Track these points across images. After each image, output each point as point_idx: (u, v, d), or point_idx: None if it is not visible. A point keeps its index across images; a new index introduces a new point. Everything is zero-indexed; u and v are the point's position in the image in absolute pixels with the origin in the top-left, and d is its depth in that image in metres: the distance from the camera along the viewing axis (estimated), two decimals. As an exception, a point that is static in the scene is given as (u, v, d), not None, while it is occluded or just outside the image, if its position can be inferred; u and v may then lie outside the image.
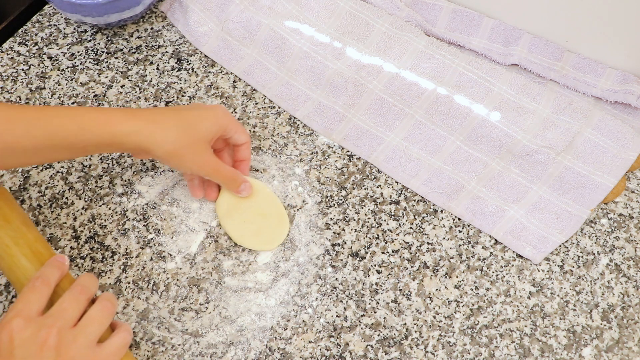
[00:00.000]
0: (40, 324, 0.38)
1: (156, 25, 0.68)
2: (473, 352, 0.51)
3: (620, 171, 0.56)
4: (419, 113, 0.60)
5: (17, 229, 0.46)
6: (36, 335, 0.38)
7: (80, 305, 0.41)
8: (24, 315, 0.39)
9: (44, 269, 0.43)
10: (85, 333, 0.39)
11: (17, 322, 0.38)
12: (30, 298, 0.40)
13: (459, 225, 0.57)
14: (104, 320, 0.41)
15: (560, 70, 0.63)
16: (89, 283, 0.43)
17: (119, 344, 0.41)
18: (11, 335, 0.37)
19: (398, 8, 0.64)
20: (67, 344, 0.38)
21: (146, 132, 0.44)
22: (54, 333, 0.38)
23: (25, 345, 0.37)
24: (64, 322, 0.39)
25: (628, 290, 0.54)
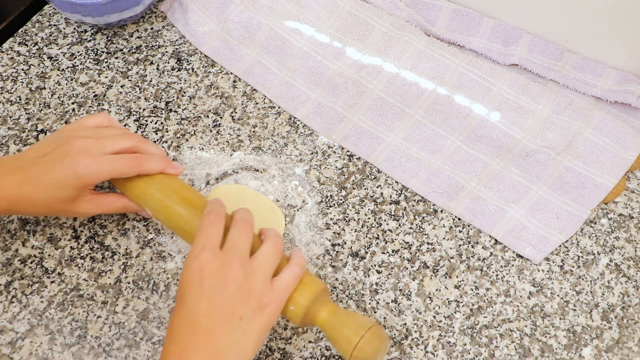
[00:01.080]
0: (223, 258, 0.42)
1: (156, 25, 0.68)
2: (473, 352, 0.51)
3: (620, 171, 0.56)
4: (419, 113, 0.60)
5: (161, 182, 0.50)
6: (222, 268, 0.42)
7: (249, 237, 0.44)
8: (209, 248, 0.42)
9: (211, 204, 0.46)
10: (262, 269, 0.43)
11: (205, 255, 0.42)
12: (211, 232, 0.43)
13: (459, 225, 0.57)
14: (276, 257, 0.44)
15: (560, 70, 0.63)
16: (247, 216, 0.46)
17: (290, 279, 0.44)
18: (201, 267, 0.41)
19: (398, 8, 0.64)
20: (247, 276, 0.42)
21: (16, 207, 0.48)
22: (236, 267, 0.42)
23: (213, 277, 0.41)
24: (241, 255, 0.43)
25: (628, 290, 0.54)
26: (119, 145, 0.49)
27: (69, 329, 0.51)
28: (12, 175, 0.47)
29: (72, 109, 0.62)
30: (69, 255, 0.54)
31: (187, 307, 0.41)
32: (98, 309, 0.52)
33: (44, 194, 0.47)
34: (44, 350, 0.50)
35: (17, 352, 0.49)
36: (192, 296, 0.41)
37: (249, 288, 0.42)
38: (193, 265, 0.42)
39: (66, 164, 0.47)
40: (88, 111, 0.62)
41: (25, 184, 0.47)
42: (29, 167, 0.48)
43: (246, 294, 0.41)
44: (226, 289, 0.41)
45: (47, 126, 0.61)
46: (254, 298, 0.42)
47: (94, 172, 0.47)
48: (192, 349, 0.40)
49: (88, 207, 0.49)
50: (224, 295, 0.41)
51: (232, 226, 0.45)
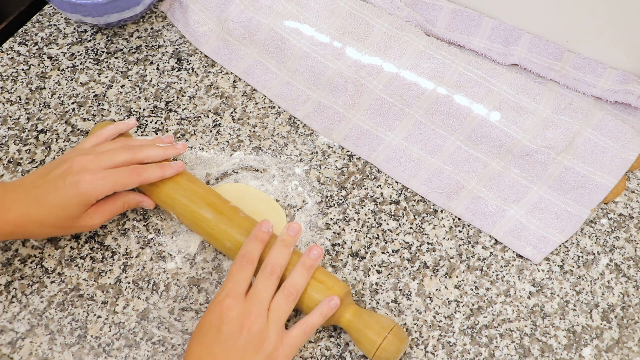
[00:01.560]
0: (245, 307, 0.45)
1: (156, 25, 0.68)
2: (473, 352, 0.51)
3: (620, 171, 0.56)
4: (419, 113, 0.60)
5: (187, 188, 0.52)
6: (241, 316, 0.44)
7: (273, 287, 0.46)
8: (234, 294, 0.45)
9: (248, 244, 0.48)
10: (277, 321, 0.45)
11: (228, 302, 0.45)
12: (239, 277, 0.46)
13: (459, 225, 0.57)
14: (288, 308, 0.46)
15: (560, 70, 0.63)
16: (279, 258, 0.48)
17: (300, 335, 0.46)
18: (222, 312, 0.44)
19: (398, 8, 0.64)
20: (262, 329, 0.44)
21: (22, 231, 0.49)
22: (253, 318, 0.44)
23: (231, 324, 0.44)
24: (260, 306, 0.45)
25: (628, 290, 0.54)
26: (117, 159, 0.51)
27: (69, 329, 0.51)
28: (17, 199, 0.48)
29: (72, 109, 0.62)
30: (69, 255, 0.54)
31: (203, 347, 0.44)
32: (98, 309, 0.52)
33: (50, 213, 0.48)
34: (44, 350, 0.50)
35: (17, 352, 0.49)
36: (209, 338, 0.44)
37: (262, 339, 0.44)
38: (216, 308, 0.45)
39: (68, 183, 0.48)
40: (88, 111, 0.62)
41: (30, 206, 0.48)
42: (32, 189, 0.49)
43: (258, 345, 0.44)
44: (241, 338, 0.44)
45: (47, 126, 0.61)
46: (264, 350, 0.44)
47: (97, 187, 0.49)
48: None
49: (93, 219, 0.51)
50: (237, 344, 0.43)
51: (260, 272, 0.47)
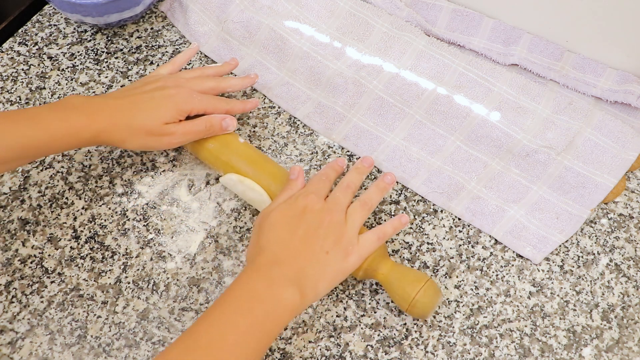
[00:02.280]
0: (326, 205, 0.49)
1: (156, 25, 0.68)
2: (473, 352, 0.51)
3: (620, 171, 0.56)
4: (419, 113, 0.60)
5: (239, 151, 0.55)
6: (323, 210, 0.48)
7: (349, 197, 0.50)
8: (317, 194, 0.49)
9: (326, 169, 0.53)
10: (355, 223, 0.48)
11: (313, 198, 0.48)
12: (321, 185, 0.51)
13: (459, 225, 0.57)
14: (363, 215, 0.49)
15: (560, 70, 0.63)
16: (354, 179, 0.52)
17: (373, 240, 0.49)
18: (306, 204, 0.48)
19: (398, 8, 0.64)
20: (341, 224, 0.48)
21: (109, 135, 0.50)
22: (335, 214, 0.48)
23: (315, 214, 0.47)
24: (340, 208, 0.49)
25: (628, 290, 0.54)
26: (205, 86, 0.55)
27: (69, 329, 0.51)
28: (105, 104, 0.51)
29: (72, 109, 0.62)
30: (69, 255, 0.54)
31: (282, 230, 0.47)
32: (98, 309, 0.52)
33: (141, 116, 0.51)
34: (44, 350, 0.50)
35: (17, 352, 0.49)
36: (291, 223, 0.47)
37: (341, 233, 0.47)
38: (299, 201, 0.48)
39: (166, 94, 0.52)
40: (88, 111, 0.62)
41: (119, 111, 0.50)
42: (123, 98, 0.52)
43: (338, 237, 0.47)
44: (322, 226, 0.47)
45: (47, 126, 0.61)
46: (343, 243, 0.47)
47: (194, 102, 0.53)
48: (281, 262, 0.45)
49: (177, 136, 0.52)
50: (319, 231, 0.47)
51: (338, 186, 0.51)
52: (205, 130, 0.53)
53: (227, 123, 0.55)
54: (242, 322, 0.42)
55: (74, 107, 0.49)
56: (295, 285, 0.44)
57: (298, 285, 0.44)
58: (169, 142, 0.52)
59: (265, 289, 0.43)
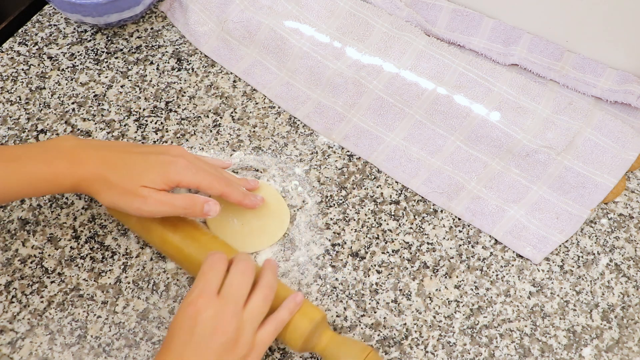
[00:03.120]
0: (219, 306, 0.43)
1: (156, 25, 0.68)
2: (473, 352, 0.51)
3: (620, 171, 0.56)
4: (419, 113, 0.60)
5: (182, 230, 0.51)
6: (215, 316, 0.43)
7: (248, 283, 0.45)
8: (206, 294, 0.43)
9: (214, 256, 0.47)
10: (252, 321, 0.44)
11: (201, 302, 0.43)
12: (210, 276, 0.44)
13: (459, 225, 0.57)
14: (265, 309, 0.45)
15: (560, 70, 0.63)
16: (247, 259, 0.46)
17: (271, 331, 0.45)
18: (195, 313, 0.43)
19: (398, 8, 0.64)
20: (237, 329, 0.43)
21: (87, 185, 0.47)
22: (228, 318, 0.43)
23: (205, 325, 0.42)
24: (235, 304, 0.44)
25: (628, 290, 0.54)
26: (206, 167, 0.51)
27: (69, 329, 0.51)
28: (96, 155, 0.48)
29: (72, 109, 0.62)
30: (69, 255, 0.54)
31: (175, 351, 0.42)
32: (98, 309, 0.52)
33: (125, 175, 0.47)
34: (44, 350, 0.50)
35: (17, 352, 0.49)
36: (181, 341, 0.42)
37: (235, 340, 0.43)
38: (188, 309, 0.43)
39: (161, 160, 0.48)
40: (88, 111, 0.62)
41: (107, 164, 0.47)
42: (118, 153, 0.48)
43: (232, 346, 0.43)
44: (214, 339, 0.42)
45: (47, 126, 0.61)
46: (238, 351, 0.43)
47: (187, 174, 0.48)
48: None
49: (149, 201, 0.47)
50: (210, 346, 0.42)
51: (232, 268, 0.45)
52: (182, 208, 0.48)
53: (209, 207, 0.49)
54: None
55: (60, 151, 0.47)
56: None
57: None
58: (139, 208, 0.47)
59: None
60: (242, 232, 0.54)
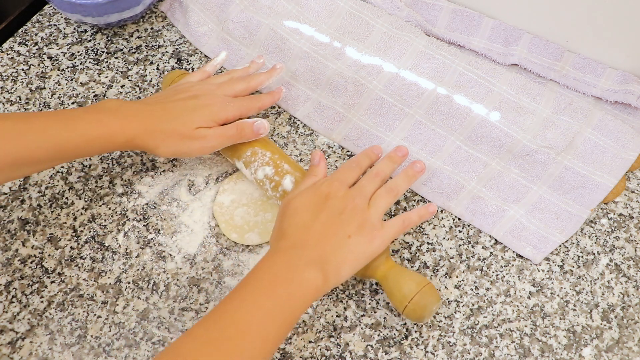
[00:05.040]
0: (350, 192, 0.49)
1: (156, 25, 0.68)
2: (473, 352, 0.51)
3: (620, 171, 0.56)
4: (419, 113, 0.60)
5: None
6: (346, 196, 0.48)
7: (376, 185, 0.51)
8: (341, 182, 0.50)
9: (359, 156, 0.53)
10: (379, 208, 0.49)
11: (337, 185, 0.49)
12: (347, 174, 0.51)
13: (459, 225, 0.57)
14: (388, 202, 0.50)
15: (560, 70, 0.63)
16: (385, 167, 0.52)
17: (399, 225, 0.49)
18: (329, 192, 0.48)
19: (398, 8, 0.64)
20: (365, 209, 0.48)
21: (143, 140, 0.50)
22: (358, 199, 0.49)
23: (336, 201, 0.48)
24: (364, 194, 0.49)
25: (628, 290, 0.54)
26: (236, 89, 0.56)
27: (69, 329, 0.51)
28: (140, 109, 0.51)
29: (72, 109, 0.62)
30: (69, 255, 0.54)
31: (305, 215, 0.47)
32: (98, 309, 0.52)
33: (176, 120, 0.51)
34: (44, 350, 0.50)
35: (17, 352, 0.49)
36: (313, 208, 0.47)
37: (364, 217, 0.48)
38: (322, 187, 0.49)
39: (200, 103, 0.52)
40: (88, 111, 0.62)
41: (153, 117, 0.50)
42: (157, 104, 0.52)
43: (361, 222, 0.47)
44: (345, 211, 0.47)
45: (47, 126, 0.61)
46: (366, 227, 0.47)
47: (227, 109, 0.53)
48: (303, 246, 0.45)
49: (211, 139, 0.52)
50: (341, 216, 0.47)
51: (366, 174, 0.51)
52: (237, 135, 0.53)
53: (258, 126, 0.54)
54: (265, 303, 0.42)
55: (109, 110, 0.49)
56: (318, 268, 0.44)
57: (320, 268, 0.44)
58: (202, 147, 0.52)
59: (287, 271, 0.43)
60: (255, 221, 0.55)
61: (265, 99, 0.57)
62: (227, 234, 0.55)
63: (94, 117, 0.49)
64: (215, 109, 0.52)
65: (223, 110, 0.53)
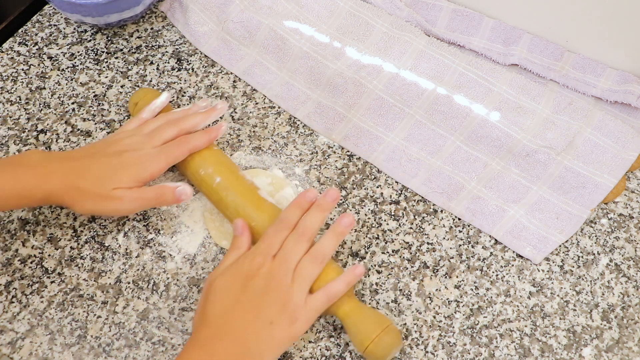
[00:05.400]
0: (274, 265, 0.46)
1: (156, 25, 0.68)
2: (473, 352, 0.51)
3: (620, 171, 0.56)
4: (419, 113, 0.60)
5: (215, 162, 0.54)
6: (269, 274, 0.45)
7: (302, 249, 0.47)
8: (264, 254, 0.46)
9: (288, 210, 0.49)
10: (304, 284, 0.46)
11: (259, 260, 0.46)
12: (273, 240, 0.47)
13: (459, 225, 0.57)
14: (315, 272, 0.47)
15: (560, 70, 0.63)
16: (313, 222, 0.48)
17: (323, 300, 0.46)
18: (251, 269, 0.46)
19: (398, 8, 0.64)
20: (289, 288, 0.45)
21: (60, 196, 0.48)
22: (282, 276, 0.45)
23: (258, 281, 0.45)
24: (289, 265, 0.46)
25: (628, 290, 0.54)
26: (166, 136, 0.52)
27: (69, 329, 0.51)
28: (60, 167, 0.49)
29: (72, 109, 0.62)
30: (69, 255, 0.54)
31: (226, 299, 0.45)
32: (98, 309, 0.52)
33: (95, 182, 0.48)
34: (44, 350, 0.50)
35: (17, 352, 0.49)
36: (234, 291, 0.45)
37: (287, 297, 0.45)
38: (244, 265, 0.46)
39: (123, 160, 0.49)
40: (88, 111, 0.62)
41: (72, 175, 0.48)
42: (80, 160, 0.50)
43: (284, 303, 0.45)
44: (268, 294, 0.45)
45: (47, 126, 0.61)
46: (289, 309, 0.45)
47: (152, 165, 0.50)
48: (223, 336, 0.43)
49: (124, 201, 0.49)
50: (263, 299, 0.44)
51: (292, 234, 0.48)
52: (155, 199, 0.50)
53: (179, 192, 0.51)
54: None
55: (28, 165, 0.48)
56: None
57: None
58: (117, 209, 0.49)
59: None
60: None
61: (197, 138, 0.53)
62: (218, 242, 0.54)
63: (10, 174, 0.47)
64: (137, 169, 0.49)
65: (147, 168, 0.50)
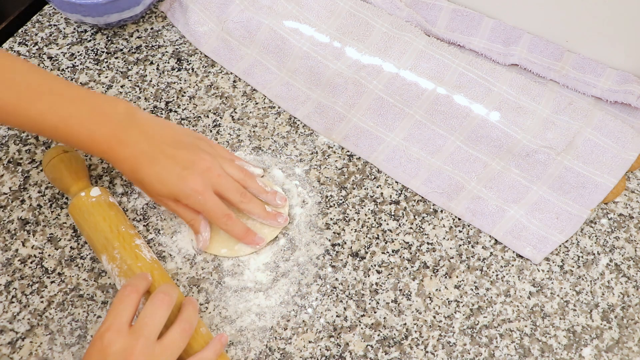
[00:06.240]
0: (128, 340, 0.41)
1: (156, 25, 0.68)
2: (473, 352, 0.51)
3: (620, 171, 0.56)
4: (418, 113, 0.60)
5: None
6: (124, 351, 0.41)
7: (163, 316, 0.44)
8: (115, 328, 0.42)
9: (135, 277, 0.46)
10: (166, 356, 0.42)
11: (109, 336, 0.41)
12: (120, 309, 0.43)
13: (459, 225, 0.57)
14: (182, 344, 0.44)
15: (560, 70, 0.63)
16: (168, 290, 0.45)
17: None
18: (103, 347, 0.41)
19: (398, 8, 0.64)
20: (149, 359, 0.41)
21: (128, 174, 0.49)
22: (137, 352, 0.41)
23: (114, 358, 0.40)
24: (147, 338, 0.42)
25: (628, 290, 0.54)
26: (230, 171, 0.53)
27: (69, 329, 0.51)
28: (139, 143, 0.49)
29: (72, 109, 0.62)
30: (69, 255, 0.54)
31: None
32: (98, 309, 0.52)
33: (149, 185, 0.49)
34: (44, 350, 0.50)
35: (17, 352, 0.49)
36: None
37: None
38: (96, 344, 0.42)
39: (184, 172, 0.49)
40: (88, 111, 0.62)
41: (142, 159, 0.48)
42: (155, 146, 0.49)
43: None
44: None
45: (47, 126, 0.61)
46: None
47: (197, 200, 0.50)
48: None
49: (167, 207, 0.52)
50: None
51: (149, 301, 0.44)
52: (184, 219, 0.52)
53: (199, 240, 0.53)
54: None
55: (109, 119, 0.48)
56: None
57: None
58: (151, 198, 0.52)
59: None
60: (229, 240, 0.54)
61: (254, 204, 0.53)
62: (216, 253, 0.54)
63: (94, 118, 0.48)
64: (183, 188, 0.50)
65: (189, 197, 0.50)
